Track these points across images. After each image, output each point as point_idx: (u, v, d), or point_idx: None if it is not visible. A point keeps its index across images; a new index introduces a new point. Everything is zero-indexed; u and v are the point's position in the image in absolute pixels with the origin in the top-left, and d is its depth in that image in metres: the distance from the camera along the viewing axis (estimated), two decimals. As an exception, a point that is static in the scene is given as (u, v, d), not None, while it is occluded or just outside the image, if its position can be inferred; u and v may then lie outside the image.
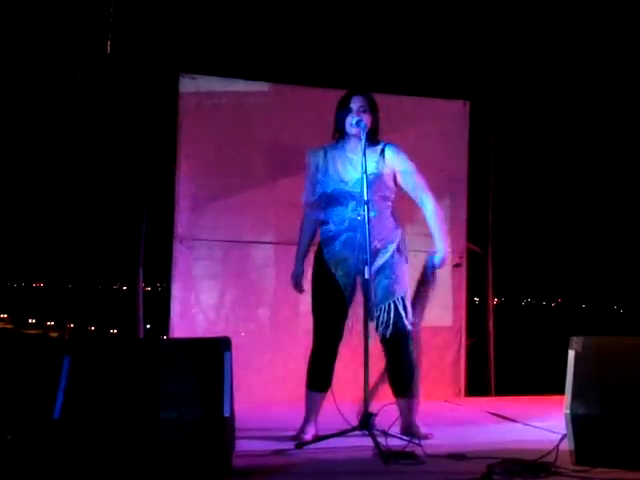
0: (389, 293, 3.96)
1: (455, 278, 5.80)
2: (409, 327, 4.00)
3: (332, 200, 3.98)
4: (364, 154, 3.82)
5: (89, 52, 4.63)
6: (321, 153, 4.06)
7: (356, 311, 3.97)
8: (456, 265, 5.81)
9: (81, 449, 3.13)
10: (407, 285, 4.07)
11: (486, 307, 6.11)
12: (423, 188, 4.06)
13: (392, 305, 3.96)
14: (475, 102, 5.88)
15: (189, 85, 5.40)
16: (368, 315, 3.79)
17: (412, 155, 5.64)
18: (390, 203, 4.06)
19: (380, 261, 3.96)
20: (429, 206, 4.05)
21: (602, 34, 5.99)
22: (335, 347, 4.00)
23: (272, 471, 3.29)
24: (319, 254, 4.04)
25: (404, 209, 4.21)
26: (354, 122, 3.93)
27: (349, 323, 4.00)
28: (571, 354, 3.45)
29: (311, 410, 4.00)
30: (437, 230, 4.04)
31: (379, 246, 3.96)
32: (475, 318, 6.03)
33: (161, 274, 5.63)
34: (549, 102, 6.63)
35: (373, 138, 4.00)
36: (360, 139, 3.89)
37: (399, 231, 4.08)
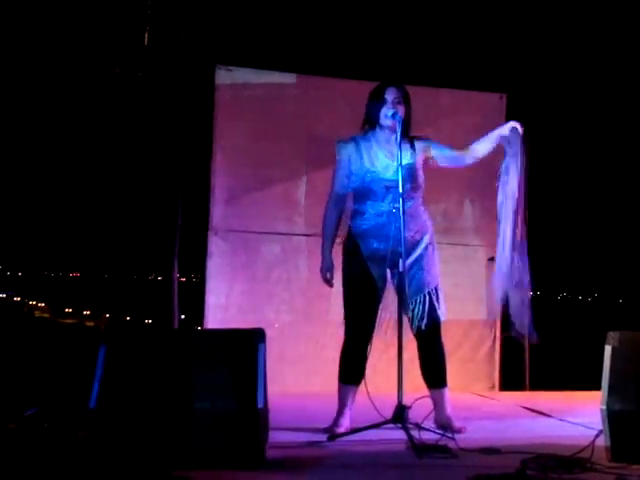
0: (423, 285, 3.96)
1: (490, 271, 5.75)
2: (442, 318, 4.01)
3: (368, 192, 3.94)
4: (399, 146, 3.81)
5: (127, 44, 4.67)
6: (352, 144, 4.00)
7: (387, 303, 3.97)
8: (491, 259, 5.76)
9: (116, 438, 3.16)
10: (439, 276, 4.06)
11: (521, 301, 6.05)
12: (456, 148, 4.07)
13: (427, 297, 3.95)
14: (512, 95, 5.82)
15: (225, 77, 5.41)
16: (402, 308, 3.80)
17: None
18: (421, 193, 4.04)
19: (415, 253, 3.96)
20: (469, 147, 4.06)
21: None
22: (367, 340, 3.97)
23: (305, 463, 3.29)
24: (351, 246, 4.00)
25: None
26: (390, 114, 3.91)
27: (381, 316, 3.98)
28: (608, 349, 3.41)
29: (344, 403, 3.99)
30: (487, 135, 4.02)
31: (417, 237, 3.97)
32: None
33: (196, 265, 5.67)
34: (586, 95, 6.55)
35: (406, 131, 3.98)
36: (394, 131, 3.86)
37: (430, 222, 4.08)
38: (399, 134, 3.83)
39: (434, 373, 4.02)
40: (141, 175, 5.14)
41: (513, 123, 4.02)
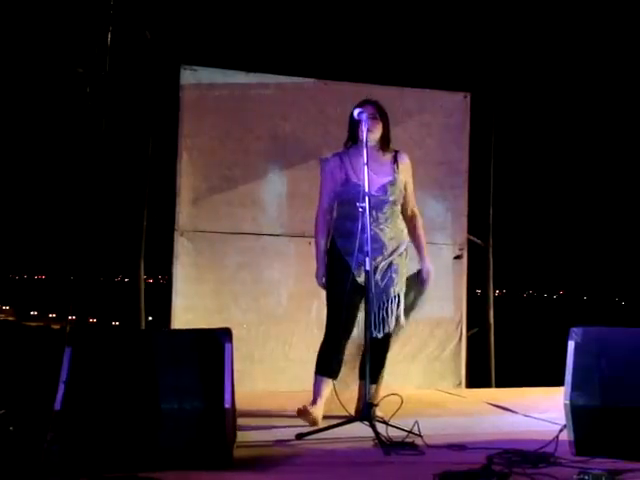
0: (390, 289, 4.16)
1: (456, 270, 5.81)
2: (401, 323, 4.25)
3: (351, 204, 4.06)
4: (365, 145, 3.94)
5: (90, 44, 4.63)
6: (336, 160, 4.23)
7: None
8: (457, 257, 5.82)
9: (83, 440, 3.14)
10: (404, 285, 4.27)
11: (487, 299, 6.12)
12: (414, 203, 4.36)
13: (392, 301, 4.16)
14: (476, 94, 5.88)
15: (190, 77, 5.40)
16: (370, 309, 3.90)
17: (413, 147, 5.70)
18: (400, 207, 4.27)
19: (389, 261, 4.17)
20: (419, 221, 4.35)
21: (603, 29, 5.99)
22: (346, 336, 4.16)
23: (273, 462, 3.30)
24: (335, 252, 4.20)
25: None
26: (356, 114, 4.03)
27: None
28: (571, 345, 3.46)
29: (319, 394, 4.12)
30: (423, 245, 4.35)
31: (393, 246, 4.18)
32: (476, 310, 6.05)
33: (163, 266, 5.64)
34: (550, 94, 6.63)
35: (385, 144, 4.22)
36: (370, 147, 4.06)
37: (406, 235, 4.29)
38: (365, 132, 3.96)
39: (378, 371, 4.18)
40: (106, 176, 5.10)
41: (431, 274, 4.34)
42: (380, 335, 4.14)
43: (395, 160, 4.23)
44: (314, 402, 4.09)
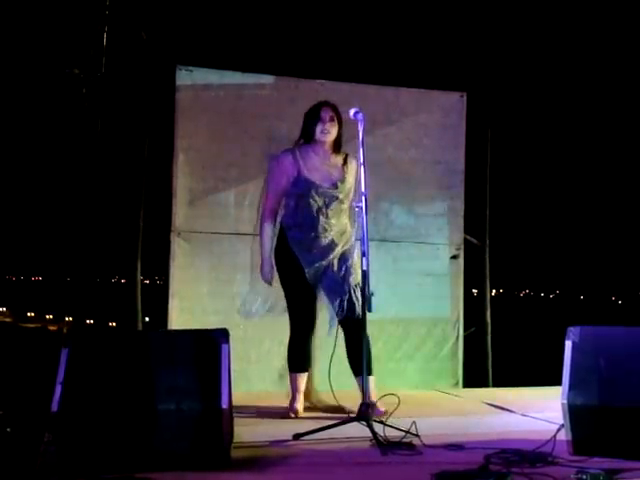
0: (350, 279, 4.31)
1: (452, 270, 5.81)
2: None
3: (303, 200, 4.31)
4: (362, 144, 4.00)
5: (86, 45, 4.63)
6: (289, 157, 4.39)
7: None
8: (453, 257, 5.82)
9: (80, 441, 3.14)
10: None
11: (484, 298, 6.11)
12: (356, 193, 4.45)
13: (352, 292, 4.29)
14: (472, 94, 5.88)
15: (186, 78, 5.39)
16: (366, 304, 3.92)
17: (409, 147, 5.71)
18: (346, 207, 4.42)
19: (341, 254, 4.35)
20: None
21: (600, 28, 6.00)
22: (310, 331, 4.41)
23: (270, 462, 3.30)
24: (284, 243, 4.37)
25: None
26: (352, 113, 4.08)
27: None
28: (568, 344, 3.47)
29: (296, 389, 4.39)
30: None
31: (343, 240, 4.37)
32: (473, 309, 6.04)
33: (159, 267, 5.63)
34: (546, 94, 6.63)
35: (339, 147, 4.41)
36: (327, 145, 4.34)
37: (352, 232, 4.41)
38: (362, 133, 4.02)
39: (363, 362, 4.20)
40: (102, 177, 5.10)
41: None
42: (350, 319, 4.23)
43: (345, 162, 4.40)
44: (294, 398, 4.35)
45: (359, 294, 4.22)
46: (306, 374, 4.42)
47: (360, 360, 4.06)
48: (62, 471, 3.08)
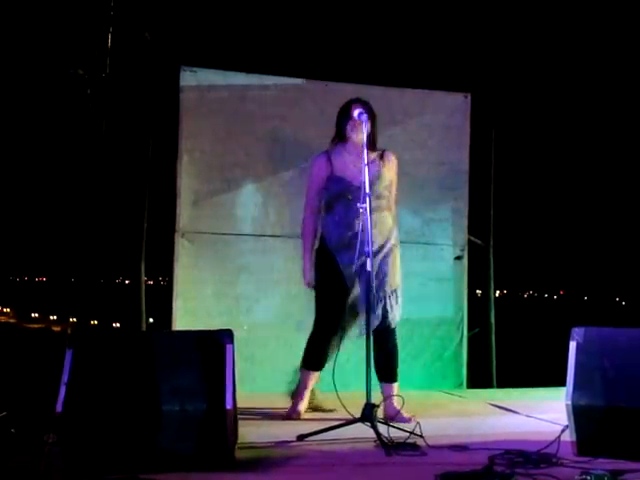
0: (384, 286, 4.23)
1: (456, 270, 5.81)
2: (396, 319, 4.31)
3: (338, 199, 4.25)
4: (366, 146, 4.00)
5: (90, 46, 4.63)
6: (324, 158, 4.32)
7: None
8: (457, 258, 5.82)
9: (84, 442, 3.14)
10: (399, 279, 4.35)
11: (488, 299, 6.11)
12: (395, 202, 4.44)
13: (387, 298, 4.23)
14: (476, 94, 5.88)
15: (190, 78, 5.40)
16: (370, 306, 3.92)
17: (414, 148, 5.70)
18: (387, 203, 4.36)
19: (380, 255, 4.24)
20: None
21: (603, 29, 5.99)
22: (334, 332, 4.29)
23: (275, 462, 3.30)
24: (324, 249, 4.31)
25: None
26: (356, 114, 4.12)
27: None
28: (572, 345, 3.46)
29: (305, 386, 4.34)
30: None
31: (380, 241, 4.25)
32: (477, 310, 6.04)
33: (163, 268, 5.64)
34: (550, 94, 6.63)
35: (373, 143, 4.29)
36: (360, 142, 4.13)
37: (395, 230, 4.37)
38: (366, 132, 4.03)
39: (392, 369, 4.31)
40: (107, 178, 5.10)
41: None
42: (381, 327, 4.19)
43: (381, 158, 4.33)
44: (299, 396, 4.33)
45: (394, 301, 4.24)
46: (317, 374, 4.38)
47: (388, 367, 4.20)
48: (66, 472, 3.08)
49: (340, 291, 4.26)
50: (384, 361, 4.27)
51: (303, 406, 4.34)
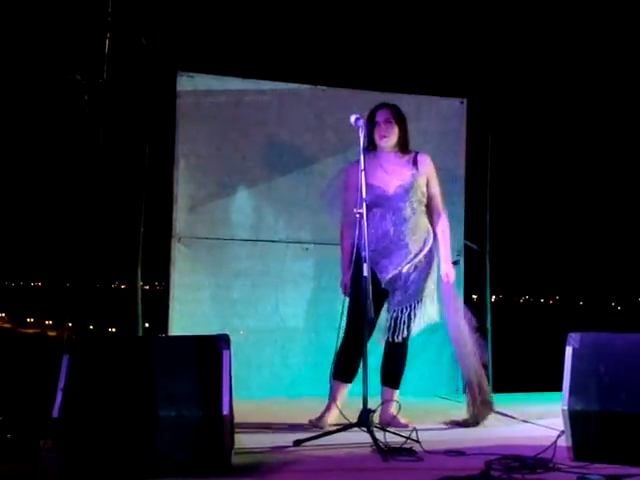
0: (412, 296, 4.24)
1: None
2: (418, 329, 4.34)
3: (371, 206, 4.14)
4: (364, 151, 3.98)
5: (87, 51, 4.63)
6: (355, 168, 4.18)
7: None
8: (454, 262, 5.80)
9: (80, 448, 3.13)
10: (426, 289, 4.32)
11: (484, 304, 6.10)
12: (439, 202, 4.38)
13: (412, 308, 4.26)
14: (472, 100, 5.88)
15: (187, 84, 5.40)
16: (367, 312, 3.89)
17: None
18: (424, 208, 4.32)
19: (414, 264, 4.23)
20: (444, 222, 4.36)
21: (599, 33, 6.00)
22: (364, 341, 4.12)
23: (271, 468, 3.29)
24: (358, 257, 4.14)
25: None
26: (353, 119, 4.02)
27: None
28: (569, 350, 3.46)
29: (333, 398, 4.18)
30: (446, 249, 4.36)
31: (416, 249, 4.23)
32: (473, 315, 6.03)
33: (159, 273, 5.63)
34: (546, 100, 6.64)
35: (404, 147, 4.26)
36: (388, 149, 4.21)
37: (431, 235, 4.32)
38: (362, 138, 3.98)
39: (398, 376, 4.32)
40: (103, 182, 5.10)
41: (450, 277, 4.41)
42: (398, 339, 4.23)
43: (415, 161, 4.27)
44: (327, 409, 4.17)
45: (418, 311, 4.26)
46: (349, 385, 4.22)
47: (393, 373, 4.24)
48: (63, 478, 3.07)
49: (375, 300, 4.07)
50: (391, 368, 4.30)
51: (331, 418, 4.14)
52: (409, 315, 4.22)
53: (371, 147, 4.27)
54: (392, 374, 4.31)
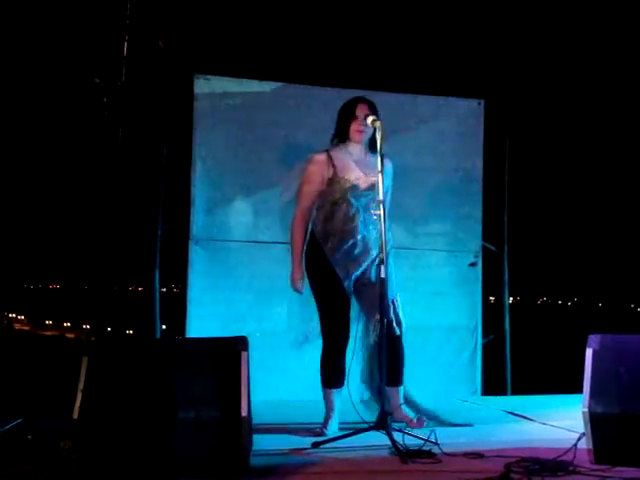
0: (390, 293, 4.07)
1: (470, 277, 5.78)
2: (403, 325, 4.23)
3: (339, 202, 4.09)
4: (380, 154, 3.91)
5: (106, 54, 4.66)
6: (323, 158, 4.15)
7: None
8: (471, 264, 5.79)
9: (100, 449, 3.14)
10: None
11: (502, 306, 6.08)
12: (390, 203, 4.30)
13: (394, 303, 4.16)
14: (490, 100, 5.86)
15: (203, 86, 5.41)
16: (384, 312, 3.86)
17: (427, 154, 5.69)
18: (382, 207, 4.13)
19: (378, 260, 4.04)
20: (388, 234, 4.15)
21: (619, 35, 5.96)
22: (344, 345, 4.15)
23: (289, 470, 3.29)
24: (318, 255, 4.14)
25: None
26: (369, 122, 4.00)
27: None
28: (589, 352, 3.43)
29: (330, 407, 4.12)
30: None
31: (387, 248, 4.05)
32: (491, 317, 6.01)
33: (177, 275, 5.64)
34: (564, 100, 6.60)
35: (374, 146, 4.06)
36: (363, 144, 4.12)
37: (391, 234, 4.24)
38: (379, 139, 3.92)
39: (396, 373, 4.16)
40: (121, 185, 5.12)
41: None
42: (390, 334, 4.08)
43: (382, 163, 3.99)
44: (327, 418, 4.10)
45: (398, 310, 4.16)
46: (340, 390, 4.14)
47: (393, 371, 4.06)
48: (83, 479, 3.08)
49: (343, 301, 4.14)
50: (389, 365, 4.05)
51: (333, 426, 4.07)
52: (393, 314, 4.12)
53: (342, 140, 4.15)
54: (390, 372, 4.04)
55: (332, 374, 4.14)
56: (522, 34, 5.79)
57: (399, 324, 4.17)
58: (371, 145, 4.13)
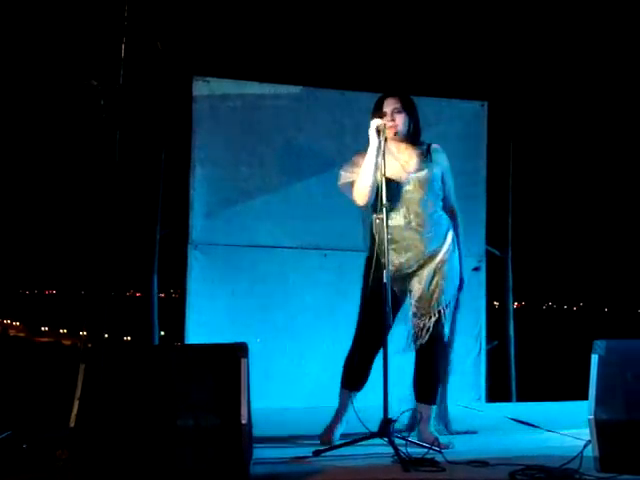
0: (439, 299, 4.01)
1: (474, 282, 5.72)
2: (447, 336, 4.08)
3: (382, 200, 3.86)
4: (383, 155, 3.80)
5: (103, 56, 4.62)
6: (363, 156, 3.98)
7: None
8: (475, 268, 5.74)
9: (97, 457, 3.09)
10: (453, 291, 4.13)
11: (506, 311, 6.03)
12: (454, 199, 4.13)
13: (439, 312, 4.02)
14: (493, 102, 5.82)
15: (203, 88, 5.37)
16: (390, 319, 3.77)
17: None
18: (442, 202, 4.05)
19: (433, 264, 3.98)
20: (459, 217, 4.13)
21: (622, 38, 5.92)
22: (374, 349, 3.91)
23: (290, 478, 3.24)
24: (371, 257, 3.93)
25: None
26: (374, 125, 3.85)
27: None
28: (594, 358, 3.38)
29: (342, 407, 3.99)
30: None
31: (432, 249, 3.97)
32: (495, 322, 5.96)
33: (175, 280, 5.59)
34: (568, 102, 6.56)
35: (415, 138, 3.99)
36: (396, 138, 3.94)
37: (451, 231, 4.07)
38: (383, 142, 3.82)
39: (426, 388, 4.02)
40: (119, 189, 5.07)
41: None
42: (414, 348, 3.97)
43: (428, 152, 3.98)
44: (334, 420, 3.98)
45: (447, 317, 4.01)
46: (355, 394, 3.99)
47: (421, 386, 3.97)
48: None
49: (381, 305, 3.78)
50: (422, 379, 4.00)
51: (339, 428, 3.96)
52: (423, 325, 3.96)
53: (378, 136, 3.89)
54: (417, 386, 4.01)
55: (354, 375, 3.98)
56: (524, 35, 5.76)
57: (436, 336, 3.98)
58: (408, 137, 3.98)
